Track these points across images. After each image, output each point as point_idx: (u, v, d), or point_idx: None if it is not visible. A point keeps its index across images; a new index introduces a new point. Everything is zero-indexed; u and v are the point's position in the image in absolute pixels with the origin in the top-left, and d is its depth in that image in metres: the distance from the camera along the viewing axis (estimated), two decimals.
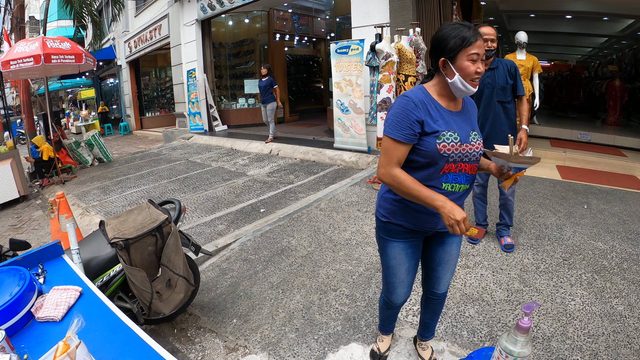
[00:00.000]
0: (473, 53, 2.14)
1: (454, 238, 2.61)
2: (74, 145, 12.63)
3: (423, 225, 2.42)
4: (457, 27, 2.17)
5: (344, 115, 9.54)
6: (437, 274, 2.69)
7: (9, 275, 2.11)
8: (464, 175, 2.31)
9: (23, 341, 1.82)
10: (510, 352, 1.67)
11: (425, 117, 2.19)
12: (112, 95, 30.17)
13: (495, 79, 4.38)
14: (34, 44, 9.80)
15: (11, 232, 7.62)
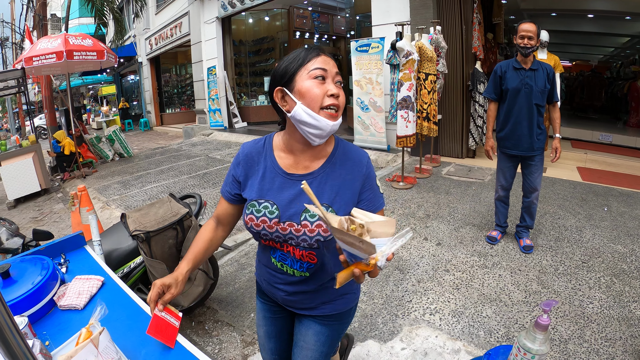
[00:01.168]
0: (316, 68, 1.59)
1: (313, 324, 1.94)
2: (95, 140, 12.75)
3: (269, 291, 1.97)
4: (294, 52, 1.67)
5: (363, 113, 9.53)
6: (293, 356, 2.03)
7: (32, 264, 2.14)
8: (294, 261, 1.77)
9: (45, 328, 1.85)
10: (528, 349, 1.67)
11: (245, 177, 1.78)
12: (132, 92, 30.39)
13: (535, 80, 4.30)
14: (56, 40, 9.92)
15: (32, 224, 7.72)
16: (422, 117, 7.21)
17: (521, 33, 4.19)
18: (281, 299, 1.91)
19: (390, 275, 4.41)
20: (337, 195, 1.70)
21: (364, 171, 1.76)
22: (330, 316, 1.94)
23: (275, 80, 1.67)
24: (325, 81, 1.61)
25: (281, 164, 1.74)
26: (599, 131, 11.12)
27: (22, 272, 2.05)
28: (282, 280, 1.85)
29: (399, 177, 7.39)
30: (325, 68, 1.60)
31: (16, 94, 12.83)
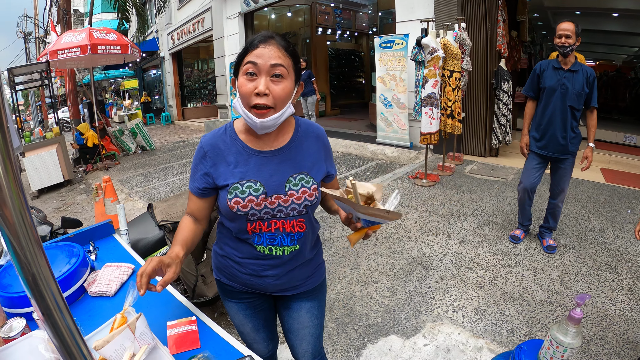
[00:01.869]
0: (248, 62, 1.59)
1: (302, 303, 2.04)
2: (117, 133, 12.88)
3: (250, 287, 1.94)
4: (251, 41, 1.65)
5: (387, 110, 9.51)
6: (290, 342, 2.14)
7: (62, 250, 2.17)
8: (284, 236, 1.79)
9: (75, 314, 1.79)
10: (560, 342, 1.66)
11: (215, 167, 1.75)
12: (154, 86, 30.63)
13: (572, 82, 4.22)
14: (80, 34, 10.05)
15: (55, 214, 7.80)
16: (446, 115, 7.18)
17: (559, 32, 4.14)
18: (270, 286, 1.90)
19: (413, 271, 4.40)
20: (312, 164, 1.82)
21: (324, 142, 1.91)
22: (315, 288, 2.06)
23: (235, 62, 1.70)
24: (257, 77, 1.59)
25: (251, 145, 1.76)
26: (623, 132, 10.97)
27: (52, 258, 2.07)
28: (271, 265, 1.84)
29: (422, 174, 7.36)
30: (256, 62, 1.58)
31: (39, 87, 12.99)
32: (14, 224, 0.66)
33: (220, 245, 1.94)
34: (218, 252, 1.97)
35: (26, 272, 0.70)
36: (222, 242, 1.92)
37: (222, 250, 1.93)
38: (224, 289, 2.02)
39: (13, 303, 1.80)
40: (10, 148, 0.64)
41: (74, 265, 2.00)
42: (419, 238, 5.14)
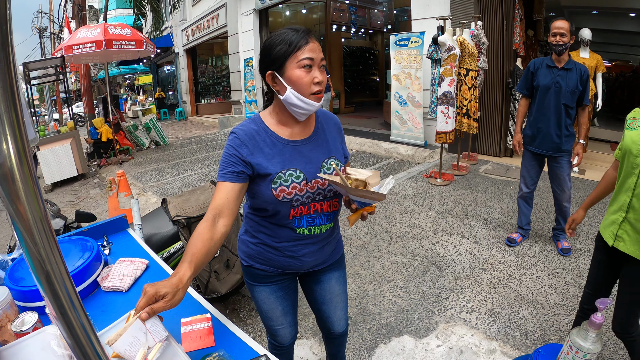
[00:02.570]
0: (304, 58, 1.73)
1: (331, 274, 2.27)
2: (132, 128, 12.94)
3: (286, 269, 2.08)
4: (283, 33, 1.77)
5: (401, 108, 9.47)
6: (325, 313, 2.36)
7: (76, 244, 2.16)
8: (322, 216, 1.98)
9: (88, 309, 1.82)
10: (580, 347, 1.63)
11: (253, 156, 1.81)
12: (168, 82, 30.77)
13: (566, 80, 4.20)
14: (95, 30, 10.15)
15: (69, 208, 7.85)
16: (462, 114, 7.13)
17: (553, 30, 4.12)
18: (306, 264, 2.07)
19: (427, 271, 4.37)
20: (336, 148, 2.03)
21: (340, 128, 2.16)
22: (339, 259, 2.31)
23: (266, 62, 1.81)
24: (312, 69, 1.76)
25: (283, 136, 1.89)
26: None
27: (65, 252, 2.06)
28: (308, 244, 2.00)
29: (437, 173, 7.32)
30: (312, 57, 1.74)
31: (54, 81, 13.07)
32: (28, 220, 0.64)
33: (252, 234, 2.03)
34: (249, 240, 2.06)
35: (40, 270, 0.68)
36: (255, 230, 2.01)
37: (254, 239, 2.03)
38: (255, 274, 2.12)
39: (25, 297, 1.79)
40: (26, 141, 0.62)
41: (87, 259, 1.99)
42: (433, 238, 5.11)
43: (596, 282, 2.69)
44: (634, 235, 2.26)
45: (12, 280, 1.83)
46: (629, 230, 2.30)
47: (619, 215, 2.36)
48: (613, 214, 2.44)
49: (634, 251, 2.25)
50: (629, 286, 2.36)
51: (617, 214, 2.39)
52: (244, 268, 2.16)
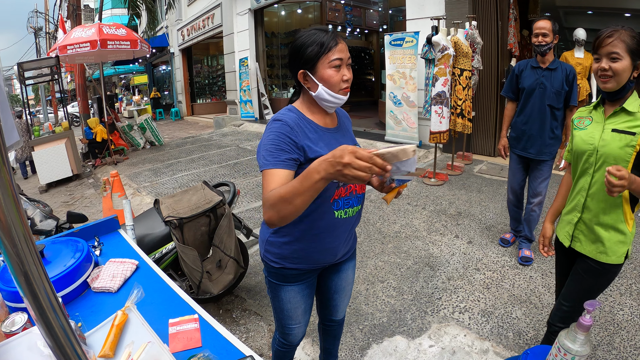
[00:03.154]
0: (335, 59, 1.87)
1: (349, 263, 2.42)
2: (127, 128, 12.94)
3: (320, 263, 2.18)
4: (313, 33, 1.90)
5: (396, 108, 9.48)
6: (335, 302, 2.50)
7: (67, 245, 2.16)
8: (355, 197, 2.08)
9: (78, 309, 1.86)
10: (568, 349, 1.63)
11: (305, 141, 1.89)
12: (164, 82, 30.76)
13: (551, 80, 4.13)
14: (90, 29, 10.15)
15: (63, 208, 7.85)
16: (456, 114, 7.14)
17: (535, 31, 4.08)
18: (339, 253, 2.19)
19: (420, 271, 4.37)
20: (353, 138, 2.22)
21: (350, 120, 2.37)
22: (355, 250, 2.43)
23: (297, 61, 1.92)
24: (341, 68, 1.91)
25: (320, 124, 2.02)
26: None
27: (56, 253, 2.06)
28: (343, 228, 2.10)
29: (431, 173, 7.33)
30: (342, 57, 1.88)
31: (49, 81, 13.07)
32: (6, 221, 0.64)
33: (285, 233, 2.06)
34: (281, 240, 2.08)
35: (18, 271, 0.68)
36: (288, 228, 2.04)
37: (289, 237, 2.06)
38: (285, 274, 2.16)
39: (16, 297, 1.79)
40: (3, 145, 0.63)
41: (77, 260, 1.99)
42: (426, 238, 5.12)
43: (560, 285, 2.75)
44: (590, 235, 2.33)
45: (2, 281, 1.83)
46: (585, 230, 2.36)
47: (574, 216, 2.41)
48: (568, 214, 2.49)
49: (591, 251, 2.32)
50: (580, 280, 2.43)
51: (572, 214, 2.44)
52: (273, 270, 2.16)
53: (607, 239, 2.26)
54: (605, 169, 1.99)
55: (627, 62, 2.09)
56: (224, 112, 20.16)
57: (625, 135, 2.14)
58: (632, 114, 2.16)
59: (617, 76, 2.11)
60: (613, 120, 2.23)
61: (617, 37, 2.08)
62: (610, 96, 2.22)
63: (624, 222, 2.26)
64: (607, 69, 2.11)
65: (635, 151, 2.11)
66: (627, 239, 2.28)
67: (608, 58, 2.11)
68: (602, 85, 2.19)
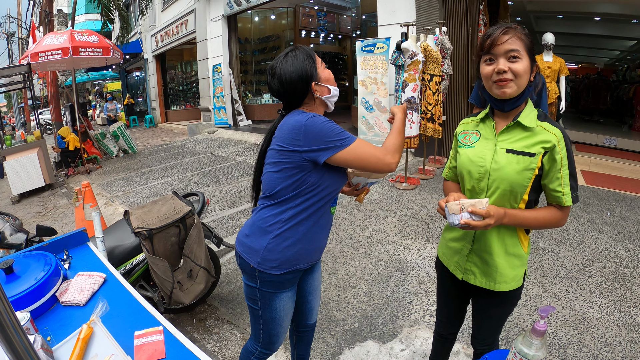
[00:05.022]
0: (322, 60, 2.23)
1: (318, 264, 2.57)
2: (99, 136, 12.81)
3: (312, 261, 2.27)
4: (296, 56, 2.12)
5: (368, 113, 9.53)
6: (310, 304, 2.57)
7: (35, 259, 2.15)
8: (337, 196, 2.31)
9: (47, 323, 1.87)
10: (524, 354, 1.66)
11: None
12: (138, 88, 30.50)
13: None
14: (62, 36, 10.01)
15: (36, 219, 7.76)
16: (426, 118, 7.21)
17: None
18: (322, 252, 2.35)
19: (391, 276, 4.41)
20: None
21: None
22: None
23: (306, 79, 2.09)
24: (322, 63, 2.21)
25: None
26: (604, 135, 11.07)
27: (25, 268, 2.06)
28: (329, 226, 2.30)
29: (402, 177, 7.39)
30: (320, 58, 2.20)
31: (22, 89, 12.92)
32: None
33: (288, 236, 2.11)
34: (284, 244, 2.12)
35: None
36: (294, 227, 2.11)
37: (292, 238, 2.12)
38: (282, 281, 2.19)
39: None
40: None
41: (45, 275, 2.00)
42: (397, 242, 5.16)
43: (448, 311, 2.49)
44: (483, 267, 2.07)
45: None
46: (477, 262, 2.09)
47: (464, 247, 2.13)
48: (455, 242, 2.20)
49: (485, 282, 2.07)
50: (486, 313, 2.23)
51: (460, 244, 2.16)
52: (269, 278, 2.16)
53: (503, 268, 2.01)
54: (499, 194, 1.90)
55: (527, 63, 1.82)
56: (198, 118, 20.09)
57: (523, 157, 1.85)
58: (529, 130, 1.88)
59: (518, 79, 1.82)
60: (506, 137, 1.94)
61: (514, 34, 1.80)
62: (507, 105, 1.91)
63: (519, 246, 2.02)
64: (506, 70, 1.80)
65: (534, 174, 1.85)
66: (524, 261, 2.05)
67: (506, 58, 1.81)
68: (500, 92, 1.86)
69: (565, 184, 1.84)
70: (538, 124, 1.88)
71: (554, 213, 1.90)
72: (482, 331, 2.30)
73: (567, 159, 1.83)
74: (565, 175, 1.84)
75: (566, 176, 1.84)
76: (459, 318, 2.47)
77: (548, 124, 1.87)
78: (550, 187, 1.88)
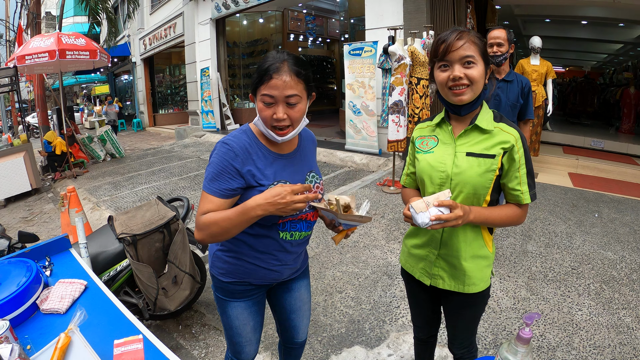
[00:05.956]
0: (264, 95, 1.80)
1: (302, 282, 2.37)
2: (86, 140, 12.73)
3: (266, 280, 2.13)
4: (268, 56, 1.84)
5: (355, 117, 9.54)
6: (293, 322, 2.42)
7: (16, 266, 2.13)
8: (306, 223, 2.07)
9: (27, 332, 1.84)
10: None
11: (249, 168, 1.86)
12: (126, 92, 30.42)
13: (507, 93, 3.94)
14: (49, 39, 9.95)
15: (22, 224, 7.69)
16: (413, 122, 7.21)
17: (490, 40, 3.89)
18: (286, 272, 2.17)
19: (378, 280, 4.40)
20: (314, 163, 2.19)
21: (315, 143, 2.29)
22: (307, 267, 2.44)
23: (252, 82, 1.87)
24: (275, 105, 1.81)
25: (272, 149, 1.96)
26: (591, 137, 11.15)
27: (5, 275, 2.04)
28: (289, 249, 2.07)
29: (390, 181, 7.40)
30: (273, 95, 1.78)
31: (8, 92, 12.82)
32: None
33: (231, 248, 2.05)
34: (227, 255, 2.07)
35: None
36: (233, 244, 2.03)
37: (234, 252, 2.05)
38: (232, 290, 2.13)
39: None
40: None
41: (26, 282, 1.97)
42: (384, 246, 5.16)
43: (423, 317, 2.45)
44: (451, 271, 2.05)
45: None
46: (445, 266, 2.07)
47: (430, 252, 2.10)
48: (418, 248, 2.17)
49: (455, 285, 2.06)
50: (459, 315, 2.22)
51: (424, 250, 2.13)
52: (219, 284, 2.14)
53: (471, 270, 2.01)
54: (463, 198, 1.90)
55: (482, 67, 1.82)
56: (186, 122, 20.03)
57: (485, 160, 1.86)
58: (487, 132, 1.90)
59: (474, 84, 1.82)
60: (465, 140, 1.93)
61: (467, 39, 1.78)
62: (464, 110, 1.90)
63: (485, 247, 2.03)
64: (462, 77, 1.78)
65: (495, 175, 1.87)
66: (490, 261, 2.07)
67: (461, 64, 1.79)
68: (457, 99, 1.85)
69: (524, 182, 1.88)
70: (495, 125, 1.90)
71: (515, 211, 1.93)
72: (457, 335, 2.29)
73: (524, 158, 1.87)
74: (523, 174, 1.88)
75: (524, 175, 1.88)
76: (435, 320, 2.45)
77: (505, 124, 1.91)
78: (509, 186, 1.91)
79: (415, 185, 2.23)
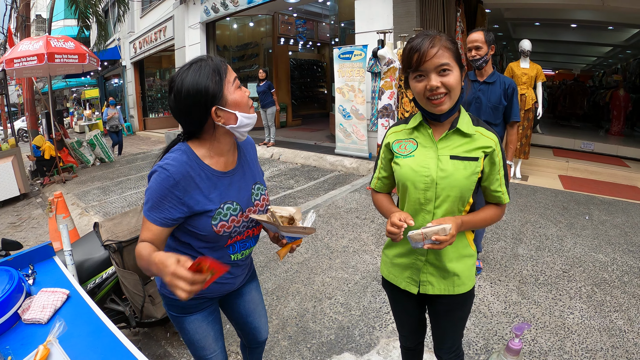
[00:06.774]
0: (235, 78, 1.82)
1: (250, 285, 2.35)
2: (75, 144, 12.69)
3: (219, 292, 2.11)
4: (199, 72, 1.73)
5: (345, 120, 9.54)
6: (252, 324, 2.41)
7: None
8: (252, 239, 2.10)
9: (8, 342, 1.81)
10: None
11: (189, 195, 1.78)
12: (116, 96, 30.29)
13: (488, 95, 3.95)
14: (37, 42, 9.89)
15: (10, 230, 7.62)
16: None
17: (468, 44, 3.91)
18: (237, 283, 2.18)
19: (368, 286, 4.37)
20: (258, 170, 2.15)
21: (254, 147, 2.22)
22: (253, 270, 2.43)
23: (204, 101, 1.73)
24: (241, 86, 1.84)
25: (216, 168, 1.89)
26: (581, 139, 11.20)
27: None
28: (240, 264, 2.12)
29: None
30: (235, 75, 1.83)
31: None
32: None
33: None
34: None
35: None
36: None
37: None
38: (185, 306, 2.06)
39: None
40: None
41: (7, 292, 1.94)
42: (374, 251, 5.13)
43: (410, 326, 2.38)
44: (440, 274, 2.02)
45: None
46: (434, 271, 2.02)
47: (416, 260, 2.04)
48: (402, 257, 2.10)
49: (445, 289, 2.03)
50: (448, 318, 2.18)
51: (409, 259, 2.07)
52: (171, 302, 2.05)
53: (460, 270, 2.00)
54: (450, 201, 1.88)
55: (457, 73, 1.76)
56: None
57: (469, 162, 1.85)
58: (468, 136, 1.88)
59: (452, 92, 1.76)
60: (446, 144, 1.89)
61: (440, 46, 1.72)
62: (443, 117, 1.85)
63: (469, 246, 2.03)
64: (439, 86, 1.73)
65: (478, 177, 1.88)
66: (475, 259, 2.09)
67: (436, 73, 1.73)
68: (437, 109, 1.79)
69: (503, 183, 1.94)
70: (475, 129, 1.90)
71: (496, 211, 2.02)
72: (446, 338, 2.26)
73: (502, 160, 1.92)
74: (502, 176, 1.93)
75: (503, 177, 1.93)
76: (422, 327, 2.42)
77: (483, 129, 1.92)
78: (491, 189, 1.95)
79: (387, 190, 2.19)
